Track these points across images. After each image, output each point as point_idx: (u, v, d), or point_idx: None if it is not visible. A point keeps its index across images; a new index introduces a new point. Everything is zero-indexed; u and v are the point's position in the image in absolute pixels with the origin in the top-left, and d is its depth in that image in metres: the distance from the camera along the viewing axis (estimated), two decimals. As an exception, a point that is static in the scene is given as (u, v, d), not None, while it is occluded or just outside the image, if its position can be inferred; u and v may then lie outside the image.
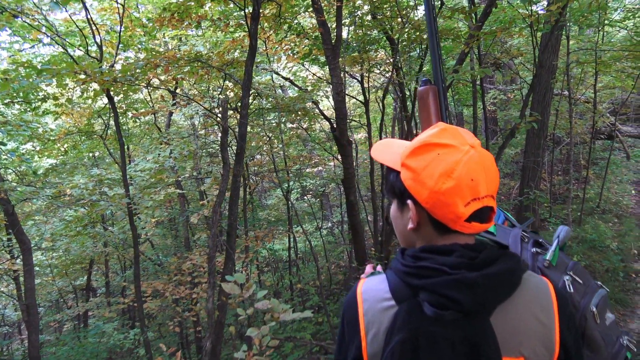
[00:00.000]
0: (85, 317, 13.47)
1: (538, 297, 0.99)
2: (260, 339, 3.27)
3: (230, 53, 7.52)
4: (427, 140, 1.00)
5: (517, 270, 0.99)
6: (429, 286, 0.93)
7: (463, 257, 0.96)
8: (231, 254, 5.33)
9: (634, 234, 9.16)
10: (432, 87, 1.36)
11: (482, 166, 0.97)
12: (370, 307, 1.00)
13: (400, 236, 1.12)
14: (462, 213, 0.95)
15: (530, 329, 0.96)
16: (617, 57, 10.81)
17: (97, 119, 11.75)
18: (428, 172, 0.97)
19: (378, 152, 1.16)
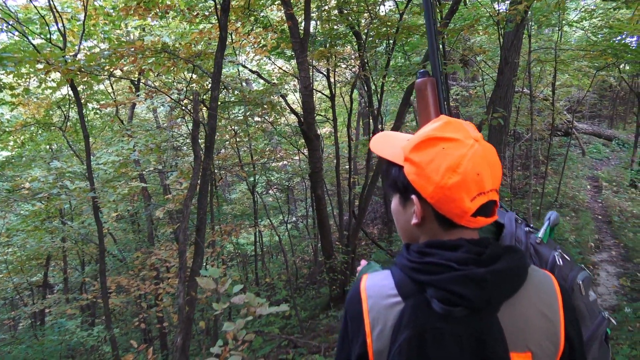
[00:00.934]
0: (42, 314, 13.05)
1: (543, 293, 1.00)
2: (236, 333, 3.24)
3: (198, 45, 7.39)
4: (431, 134, 0.98)
5: (524, 266, 0.99)
6: (436, 282, 0.92)
7: (470, 253, 0.95)
8: (201, 248, 5.26)
9: (590, 227, 9.51)
10: (430, 79, 1.35)
11: (487, 160, 0.97)
12: (376, 304, 0.98)
13: (402, 231, 1.11)
14: (468, 208, 0.95)
15: (537, 324, 0.97)
16: (575, 57, 11.18)
17: (55, 110, 11.37)
18: (433, 166, 0.96)
19: (378, 146, 1.14)
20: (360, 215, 9.44)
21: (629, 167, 13.91)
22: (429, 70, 1.40)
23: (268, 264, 13.70)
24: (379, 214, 15.40)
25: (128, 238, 13.52)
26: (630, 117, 21.22)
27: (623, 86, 20.43)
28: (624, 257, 7.83)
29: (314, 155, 8.49)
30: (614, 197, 11.96)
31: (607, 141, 18.60)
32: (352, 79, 12.01)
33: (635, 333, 5.04)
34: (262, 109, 9.31)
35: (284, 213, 15.14)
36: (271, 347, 7.12)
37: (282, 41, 9.18)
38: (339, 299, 8.89)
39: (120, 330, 10.52)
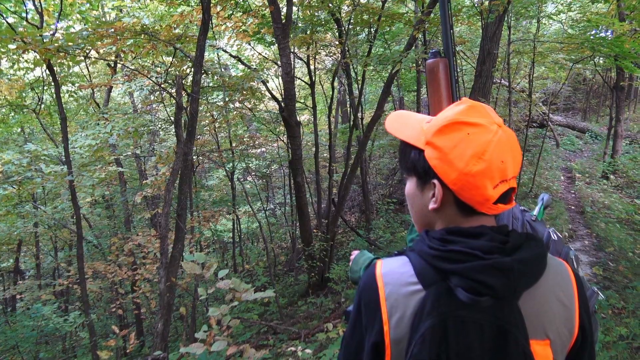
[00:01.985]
0: (13, 301, 12.80)
1: (561, 280, 1.01)
2: (221, 318, 3.22)
3: (178, 27, 7.25)
4: (455, 118, 0.96)
5: (545, 254, 0.99)
6: (462, 271, 0.90)
7: (494, 241, 0.93)
8: (182, 234, 5.21)
9: (564, 217, 9.71)
10: (442, 60, 1.33)
11: (510, 147, 0.95)
12: (394, 291, 0.95)
13: (418, 216, 1.08)
14: (490, 196, 0.93)
15: (555, 312, 0.97)
16: (553, 49, 11.34)
17: (28, 92, 11.07)
18: (457, 152, 0.93)
19: (394, 125, 1.10)
20: (340, 203, 9.46)
21: (602, 159, 14.23)
22: (440, 51, 1.37)
23: (246, 251, 13.66)
24: (357, 202, 15.47)
25: (103, 223, 13.32)
26: (603, 110, 21.67)
27: (597, 80, 20.84)
28: (596, 247, 8.02)
29: (294, 142, 8.45)
30: (587, 188, 12.23)
31: (580, 133, 18.99)
32: (333, 66, 11.97)
33: (608, 320, 5.19)
34: (242, 95, 9.22)
35: (262, 200, 15.08)
36: (251, 333, 7.13)
37: (264, 26, 9.07)
38: (317, 286, 8.92)
39: (96, 317, 10.40)
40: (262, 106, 12.55)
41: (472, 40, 12.00)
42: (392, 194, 14.73)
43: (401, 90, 15.70)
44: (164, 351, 4.83)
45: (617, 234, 8.46)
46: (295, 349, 4.69)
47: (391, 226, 12.21)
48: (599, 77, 18.78)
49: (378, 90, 14.77)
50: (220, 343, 2.95)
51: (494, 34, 6.72)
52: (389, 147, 15.10)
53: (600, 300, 1.55)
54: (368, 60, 8.64)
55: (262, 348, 5.80)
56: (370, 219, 12.45)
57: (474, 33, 12.56)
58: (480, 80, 8.90)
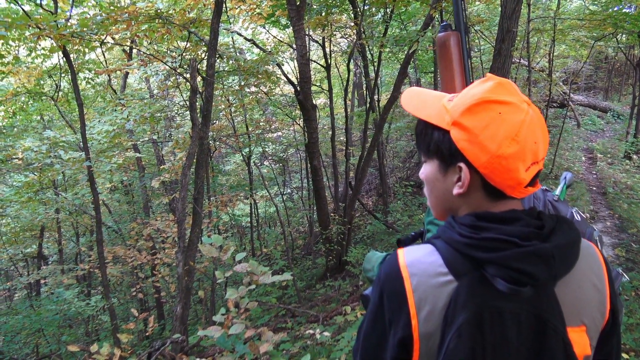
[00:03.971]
0: (37, 285, 13.08)
1: (593, 264, 0.96)
2: (238, 300, 3.23)
3: (192, 11, 7.22)
4: (485, 97, 0.89)
5: (579, 238, 0.93)
6: (500, 260, 0.84)
7: (529, 226, 0.88)
8: (199, 218, 5.23)
9: (585, 198, 9.56)
10: (454, 33, 1.26)
11: (540, 126, 0.90)
12: (422, 282, 0.89)
13: (438, 200, 1.01)
14: (522, 179, 0.88)
15: (589, 297, 0.93)
16: (574, 27, 11.06)
17: (46, 80, 11.17)
18: (489, 133, 0.86)
19: (412, 103, 1.03)
20: (357, 186, 9.43)
21: (624, 139, 13.95)
22: (451, 24, 1.30)
23: (264, 235, 13.74)
24: (374, 185, 15.42)
25: (123, 209, 13.48)
26: (626, 89, 21.21)
27: (619, 57, 20.35)
28: (618, 228, 7.89)
29: (310, 125, 8.41)
30: (609, 169, 12.01)
31: (602, 113, 18.61)
32: (348, 48, 11.85)
33: (631, 302, 5.10)
34: (257, 79, 9.17)
35: (279, 184, 15.11)
36: (269, 316, 7.17)
37: (278, 9, 8.99)
38: (335, 269, 8.94)
39: (117, 301, 10.58)
40: (277, 90, 12.51)
41: (490, 19, 11.76)
42: (409, 177, 14.65)
43: (418, 72, 15.52)
44: (183, 334, 4.88)
45: (640, 215, 8.31)
46: (314, 332, 4.71)
47: (409, 209, 12.15)
48: (621, 54, 18.33)
49: (394, 72, 14.60)
50: (238, 326, 2.95)
51: (514, 11, 6.54)
52: (406, 130, 14.97)
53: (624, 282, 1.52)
54: (384, 41, 8.52)
55: (281, 331, 5.84)
56: (387, 202, 12.40)
57: (492, 12, 12.31)
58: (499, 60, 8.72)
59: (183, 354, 3.99)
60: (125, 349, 3.40)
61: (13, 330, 9.77)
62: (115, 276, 9.26)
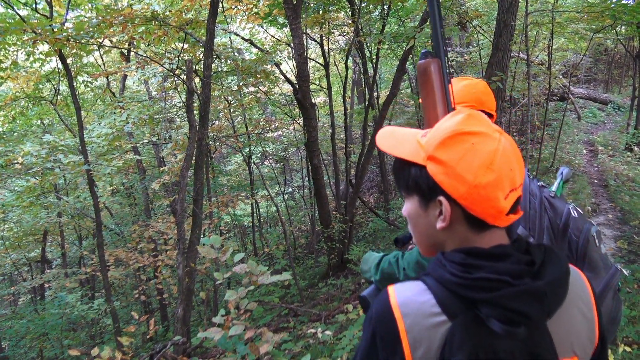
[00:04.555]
0: (42, 289, 13.11)
1: (581, 292, 0.97)
2: (238, 301, 3.23)
3: (189, 12, 7.21)
4: (457, 129, 0.90)
5: (569, 271, 0.93)
6: (493, 300, 0.84)
7: (521, 263, 0.88)
8: (199, 219, 5.22)
9: (587, 191, 9.53)
10: (434, 60, 1.24)
11: (514, 153, 0.90)
12: (415, 323, 0.88)
13: (424, 237, 1.00)
14: (503, 207, 0.88)
15: (580, 327, 0.94)
16: (572, 19, 11.02)
17: (45, 84, 11.18)
18: (464, 164, 0.87)
19: (389, 143, 1.03)
20: (357, 183, 9.42)
21: (625, 131, 13.91)
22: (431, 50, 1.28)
23: (266, 235, 13.74)
24: (375, 182, 15.41)
25: (124, 211, 13.51)
26: (626, 81, 21.14)
27: (619, 49, 20.29)
28: (620, 220, 7.87)
29: (309, 124, 8.41)
30: (610, 161, 11.98)
31: (602, 105, 18.56)
32: (346, 46, 11.83)
33: (634, 294, 5.08)
34: (256, 79, 9.17)
35: (280, 184, 15.11)
36: (272, 316, 7.18)
37: (275, 8, 8.97)
38: (337, 267, 8.94)
39: (120, 303, 10.60)
40: (276, 89, 12.50)
41: (488, 14, 11.73)
42: (410, 174, 14.61)
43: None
44: (185, 336, 4.88)
45: (642, 207, 8.29)
46: (316, 331, 4.71)
47: (410, 206, 12.13)
48: (620, 46, 18.27)
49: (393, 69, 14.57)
50: (238, 327, 2.95)
51: (511, 5, 6.52)
52: (406, 126, 14.94)
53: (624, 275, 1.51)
54: (381, 38, 8.51)
55: (283, 330, 5.84)
56: (388, 199, 12.40)
57: (490, 6, 12.28)
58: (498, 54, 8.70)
59: (185, 356, 3.99)
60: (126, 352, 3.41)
61: (18, 334, 9.81)
62: (117, 279, 9.28)
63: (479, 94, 1.66)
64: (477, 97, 1.65)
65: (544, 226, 1.52)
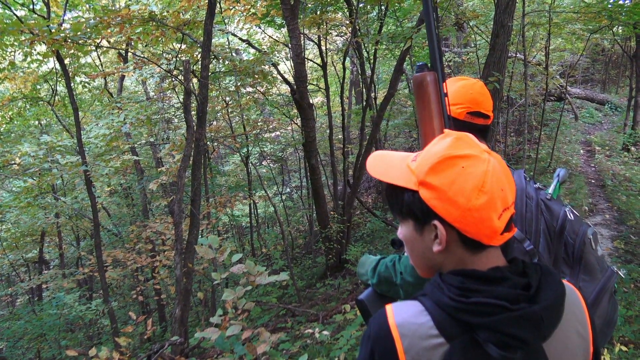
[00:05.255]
0: (39, 290, 13.09)
1: (576, 310, 0.98)
2: (236, 301, 3.23)
3: (187, 13, 7.21)
4: (446, 154, 0.91)
5: (565, 291, 0.94)
6: (490, 325, 0.85)
7: (517, 287, 0.89)
8: (196, 220, 5.23)
9: (584, 191, 9.56)
10: (430, 73, 1.25)
11: (504, 173, 0.92)
12: (413, 344, 0.89)
13: (420, 260, 1.02)
14: (497, 227, 0.89)
15: (575, 347, 0.95)
16: (569, 20, 11.04)
17: (42, 84, 11.18)
18: (456, 188, 0.89)
19: (379, 169, 1.04)
20: (355, 184, 9.43)
21: (622, 131, 13.94)
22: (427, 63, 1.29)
23: (263, 235, 13.75)
24: (372, 182, 15.41)
25: (122, 212, 13.50)
26: (623, 81, 21.19)
27: (616, 49, 20.33)
28: (617, 220, 7.89)
29: (307, 124, 8.41)
30: (607, 161, 12.01)
31: (599, 105, 18.60)
32: (344, 46, 11.84)
33: (630, 294, 5.10)
34: (254, 79, 9.18)
35: (278, 184, 15.11)
36: (269, 316, 7.18)
37: (272, 8, 8.98)
38: (335, 267, 8.94)
39: (118, 304, 10.59)
40: (274, 90, 12.50)
41: (485, 14, 11.75)
42: (408, 174, 14.62)
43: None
44: (183, 336, 4.89)
45: (639, 207, 8.30)
46: (313, 331, 4.72)
47: (408, 206, 12.14)
48: (617, 46, 18.31)
49: (391, 70, 14.59)
50: (235, 327, 2.95)
51: (507, 6, 6.52)
52: (403, 127, 14.97)
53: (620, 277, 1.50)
54: (379, 38, 8.52)
55: (280, 330, 5.84)
56: (386, 199, 12.40)
57: (487, 6, 12.30)
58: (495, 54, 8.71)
59: (182, 356, 4.00)
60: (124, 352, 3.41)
61: (15, 335, 9.79)
62: (115, 279, 9.27)
63: (476, 95, 1.66)
64: (473, 98, 1.65)
65: (540, 229, 1.52)
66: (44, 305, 10.96)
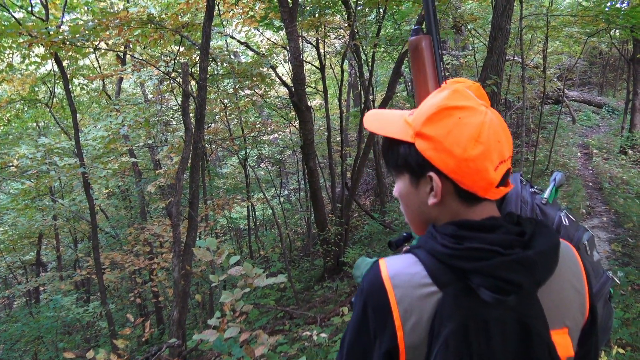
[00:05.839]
0: (37, 292, 13.06)
1: (572, 266, 0.98)
2: (233, 304, 3.23)
3: (185, 15, 7.22)
4: (443, 104, 0.90)
5: (559, 243, 0.94)
6: (484, 269, 0.84)
7: (510, 234, 0.89)
8: (194, 222, 5.23)
9: (581, 194, 9.57)
10: (425, 36, 1.25)
11: (501, 126, 0.91)
12: (406, 294, 0.88)
13: (416, 214, 1.01)
14: (493, 178, 0.89)
15: (571, 299, 0.95)
16: (567, 23, 11.08)
17: (40, 87, 11.17)
18: (452, 138, 0.88)
19: (375, 124, 1.03)
20: (353, 186, 9.44)
21: (619, 134, 13.97)
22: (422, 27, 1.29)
23: (261, 237, 13.74)
24: (371, 185, 15.43)
25: (120, 214, 13.48)
26: (620, 84, 21.25)
27: (613, 53, 20.40)
28: (614, 223, 7.90)
29: (305, 127, 8.42)
30: (605, 164, 12.04)
31: (597, 108, 18.64)
32: (342, 49, 11.86)
33: (627, 297, 5.11)
34: (252, 82, 9.18)
35: (276, 186, 15.11)
36: (267, 319, 7.18)
37: (271, 11, 9.00)
38: (333, 270, 8.95)
39: (115, 306, 10.58)
40: (272, 92, 12.51)
41: (483, 17, 11.78)
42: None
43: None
44: (181, 338, 4.88)
45: (637, 210, 8.32)
46: (311, 334, 4.71)
47: (406, 208, 12.14)
48: (615, 50, 18.37)
49: (389, 72, 14.61)
50: (233, 329, 2.95)
51: (505, 9, 6.56)
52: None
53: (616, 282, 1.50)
54: (377, 41, 8.55)
55: (278, 333, 5.84)
56: (384, 202, 12.41)
57: (485, 9, 12.33)
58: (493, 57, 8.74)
59: (180, 359, 3.99)
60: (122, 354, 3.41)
61: (12, 338, 9.76)
62: (113, 282, 9.25)
63: None
64: None
65: None
66: (41, 307, 10.94)
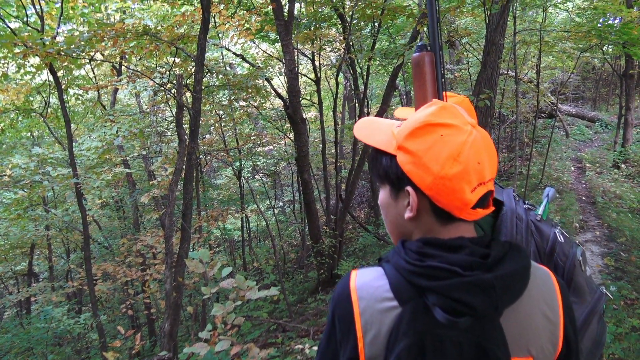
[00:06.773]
0: (28, 303, 12.94)
1: (545, 293, 0.95)
2: (225, 316, 3.21)
3: (181, 27, 7.25)
4: (427, 120, 0.90)
5: (528, 266, 0.92)
6: (440, 289, 0.84)
7: (474, 255, 0.88)
8: (187, 234, 5.21)
9: (574, 208, 9.61)
10: (428, 53, 1.27)
11: (485, 147, 0.91)
12: (368, 306, 0.90)
13: (393, 226, 1.02)
14: (469, 200, 0.88)
15: (539, 327, 0.92)
16: (560, 38, 11.20)
17: (35, 96, 11.16)
18: (432, 155, 0.88)
19: (363, 132, 1.04)
20: (348, 199, 9.44)
21: (612, 149, 14.07)
22: (427, 44, 1.31)
23: (255, 249, 13.70)
24: (365, 197, 15.43)
25: (113, 225, 13.42)
26: (613, 99, 21.44)
27: (606, 68, 20.60)
28: (607, 237, 7.93)
29: (300, 139, 8.44)
30: (598, 178, 12.10)
31: (590, 123, 18.80)
32: (337, 62, 11.92)
33: (620, 311, 5.12)
34: (247, 93, 9.20)
35: (270, 198, 15.09)
36: (260, 331, 7.13)
37: (267, 24, 9.05)
38: (327, 282, 8.91)
39: (107, 318, 10.49)
40: (267, 104, 12.54)
41: (477, 32, 11.89)
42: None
43: (408, 84, 15.63)
44: (173, 351, 4.84)
45: (629, 224, 8.36)
46: (303, 347, 4.69)
47: (400, 221, 12.14)
48: (607, 65, 18.56)
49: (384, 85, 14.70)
50: (224, 342, 2.93)
51: (498, 24, 6.63)
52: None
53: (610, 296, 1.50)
54: (372, 54, 8.60)
55: (271, 346, 5.80)
56: (378, 215, 12.41)
57: (479, 24, 12.45)
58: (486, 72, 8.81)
59: (171, 372, 3.95)
60: (112, 367, 3.37)
61: (2, 349, 9.65)
62: (105, 293, 9.18)
63: None
64: None
65: (530, 251, 1.52)
66: (32, 318, 10.83)
